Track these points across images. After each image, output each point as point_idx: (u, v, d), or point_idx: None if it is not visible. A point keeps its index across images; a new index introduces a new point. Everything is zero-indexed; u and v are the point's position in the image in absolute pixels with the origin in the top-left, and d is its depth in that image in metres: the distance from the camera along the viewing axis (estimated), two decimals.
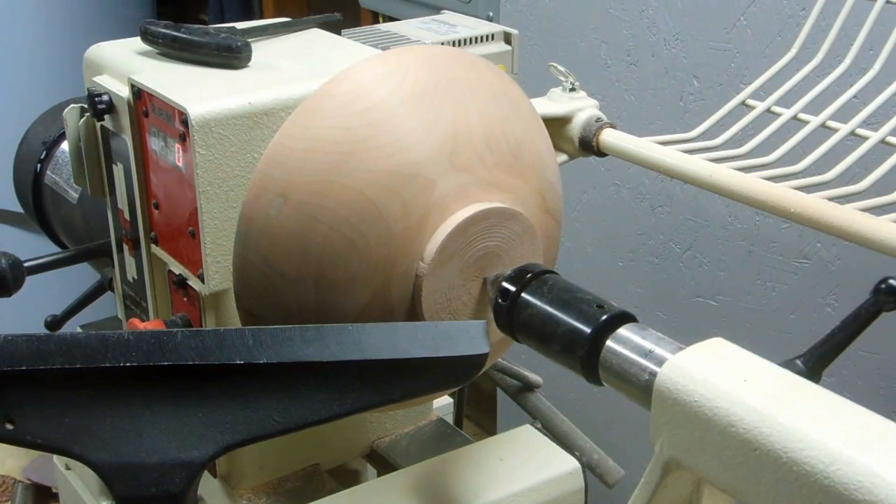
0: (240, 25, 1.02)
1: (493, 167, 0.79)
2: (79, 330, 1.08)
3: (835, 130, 0.99)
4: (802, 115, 1.01)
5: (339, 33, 1.08)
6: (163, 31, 0.96)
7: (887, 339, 1.28)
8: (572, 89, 1.05)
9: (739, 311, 1.48)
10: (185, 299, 0.91)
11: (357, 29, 1.16)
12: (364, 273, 0.76)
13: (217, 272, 0.87)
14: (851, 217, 0.83)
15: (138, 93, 0.90)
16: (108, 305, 1.11)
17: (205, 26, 0.98)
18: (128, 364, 0.62)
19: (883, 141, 0.96)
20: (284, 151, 0.76)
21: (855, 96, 1.02)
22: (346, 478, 1.05)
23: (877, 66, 1.03)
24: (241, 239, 0.78)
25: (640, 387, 0.65)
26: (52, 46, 2.55)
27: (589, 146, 1.02)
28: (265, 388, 0.67)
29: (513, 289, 0.75)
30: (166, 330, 0.67)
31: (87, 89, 0.95)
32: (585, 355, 0.69)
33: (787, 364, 0.67)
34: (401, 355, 0.67)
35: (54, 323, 1.12)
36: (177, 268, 0.91)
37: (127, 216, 0.97)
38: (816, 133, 0.99)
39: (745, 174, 0.91)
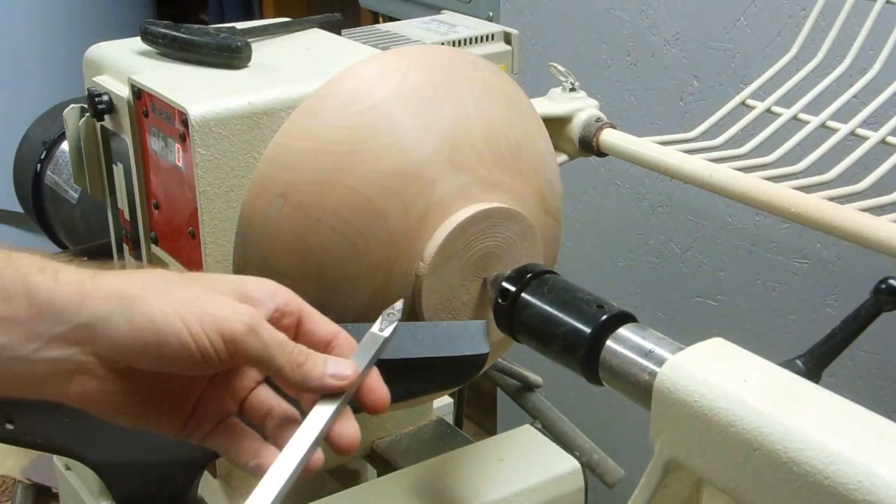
0: (240, 25, 1.02)
1: (493, 167, 0.79)
2: None
3: (835, 130, 0.99)
4: (802, 115, 1.01)
5: (339, 33, 1.08)
6: (163, 31, 0.96)
7: (887, 339, 1.28)
8: (572, 89, 1.05)
9: (739, 311, 1.48)
10: None
11: (357, 29, 1.16)
12: (364, 273, 0.76)
13: (217, 272, 0.87)
14: (851, 217, 0.83)
15: (138, 93, 0.90)
16: None
17: (205, 26, 0.98)
18: None
19: (883, 141, 0.96)
20: (284, 151, 0.76)
21: (855, 96, 1.02)
22: (346, 478, 1.05)
23: (877, 66, 1.03)
24: (241, 239, 0.78)
25: (640, 387, 0.65)
26: (52, 46, 2.55)
27: (589, 146, 1.02)
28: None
29: (513, 289, 0.75)
30: None
31: (87, 89, 0.95)
32: (585, 355, 0.69)
33: (787, 364, 0.67)
34: (401, 355, 0.67)
35: None
36: (177, 268, 0.91)
37: (127, 216, 0.97)
38: (816, 133, 0.99)
39: (745, 174, 0.91)
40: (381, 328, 0.63)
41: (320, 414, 0.58)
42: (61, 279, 0.55)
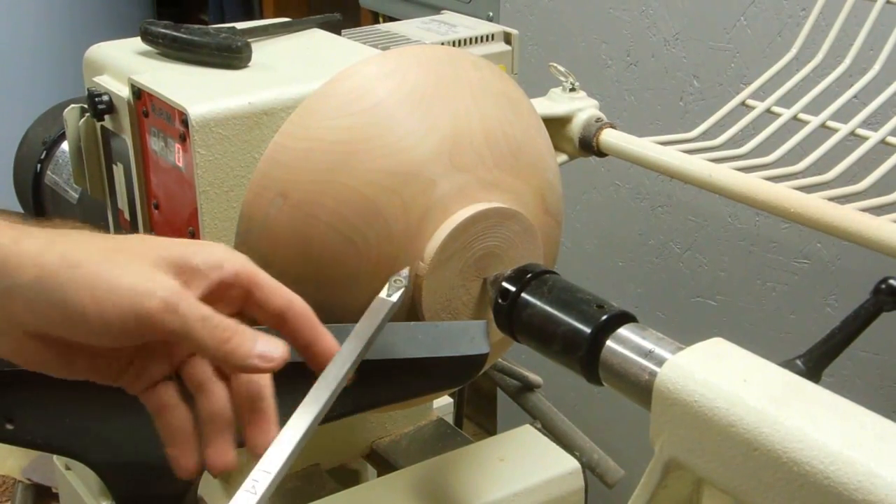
0: (240, 25, 1.02)
1: (493, 167, 0.79)
2: None
3: (835, 130, 0.99)
4: (802, 115, 1.01)
5: (339, 33, 1.08)
6: (163, 31, 0.96)
7: (887, 339, 1.28)
8: (572, 89, 1.05)
9: (739, 311, 1.48)
10: None
11: (357, 29, 1.16)
12: (364, 272, 0.76)
13: None
14: (851, 217, 0.83)
15: (138, 93, 0.90)
16: None
17: (205, 26, 0.98)
18: None
19: (883, 141, 0.96)
20: (284, 151, 0.76)
21: (855, 96, 1.02)
22: (346, 478, 1.05)
23: (877, 66, 1.03)
24: (241, 239, 0.78)
25: (641, 387, 0.65)
26: (52, 46, 2.55)
27: (589, 146, 1.02)
28: None
29: (513, 289, 0.75)
30: None
31: (87, 89, 0.95)
32: (585, 355, 0.69)
33: (787, 364, 0.67)
34: (401, 355, 0.67)
35: None
36: None
37: (127, 216, 0.97)
38: (816, 133, 0.99)
39: (745, 174, 0.91)
40: (389, 294, 0.62)
41: (318, 393, 0.58)
42: None
